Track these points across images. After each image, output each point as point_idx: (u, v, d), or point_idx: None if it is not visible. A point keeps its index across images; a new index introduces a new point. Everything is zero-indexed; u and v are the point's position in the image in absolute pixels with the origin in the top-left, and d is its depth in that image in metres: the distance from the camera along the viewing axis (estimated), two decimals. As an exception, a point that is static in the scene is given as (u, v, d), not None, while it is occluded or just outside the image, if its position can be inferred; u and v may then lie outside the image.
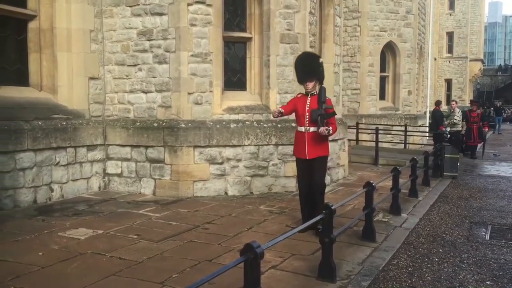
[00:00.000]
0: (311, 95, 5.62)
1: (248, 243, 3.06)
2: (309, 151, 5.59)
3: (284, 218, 6.44)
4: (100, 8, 8.01)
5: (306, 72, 5.63)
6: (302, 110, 5.62)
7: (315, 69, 5.61)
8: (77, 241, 5.17)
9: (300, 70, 5.70)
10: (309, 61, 5.69)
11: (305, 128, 5.59)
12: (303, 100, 5.67)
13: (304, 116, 5.59)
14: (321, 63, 5.69)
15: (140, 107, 8.02)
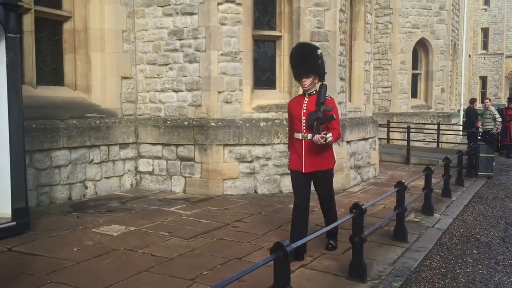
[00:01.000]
0: (309, 95, 4.65)
1: (278, 241, 3.06)
2: (307, 164, 4.62)
3: (314, 216, 6.38)
4: (132, 9, 8.15)
5: (301, 66, 4.64)
6: (298, 113, 4.65)
7: (312, 63, 4.59)
8: (110, 237, 5.28)
9: (294, 64, 4.74)
10: (304, 53, 4.69)
11: (302, 135, 4.61)
12: (300, 101, 4.72)
13: (301, 121, 4.62)
14: (319, 55, 4.64)
15: (171, 106, 8.12)
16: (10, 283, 3.92)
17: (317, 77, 4.65)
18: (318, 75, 4.65)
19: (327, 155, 4.71)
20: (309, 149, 4.61)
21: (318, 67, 4.64)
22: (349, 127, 8.59)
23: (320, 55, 4.66)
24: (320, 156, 4.65)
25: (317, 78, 4.65)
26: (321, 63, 4.69)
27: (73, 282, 3.94)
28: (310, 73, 4.60)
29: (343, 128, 8.26)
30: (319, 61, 4.64)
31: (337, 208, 6.77)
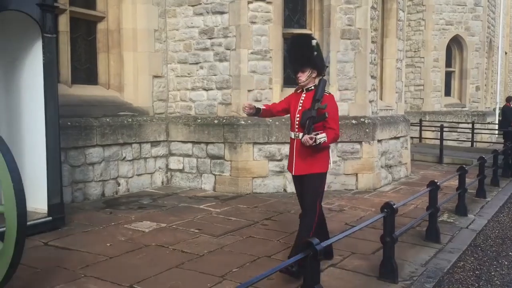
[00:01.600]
0: (307, 91, 4.25)
1: (308, 239, 3.05)
2: (297, 166, 4.24)
3: (344, 216, 6.36)
4: (164, 8, 8.26)
5: (296, 59, 4.29)
6: (293, 110, 4.31)
7: (306, 55, 4.19)
8: (142, 234, 5.37)
9: (289, 58, 4.45)
10: (298, 45, 4.32)
11: (295, 134, 4.25)
12: (297, 97, 4.35)
13: (295, 118, 4.27)
14: (314, 46, 4.21)
15: (201, 104, 8.19)
16: (47, 276, 4.04)
17: (314, 71, 4.22)
18: (315, 68, 4.22)
19: (320, 158, 4.19)
20: (301, 150, 4.19)
21: (313, 59, 4.20)
22: (380, 125, 8.47)
23: (315, 46, 4.22)
24: (312, 158, 4.17)
25: (315, 72, 4.23)
26: (318, 55, 4.25)
27: (106, 277, 4.03)
28: (305, 67, 4.19)
29: (374, 127, 8.16)
30: (315, 52, 4.20)
31: (367, 207, 6.79)
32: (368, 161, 8.12)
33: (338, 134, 4.24)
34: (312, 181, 4.21)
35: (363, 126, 8.06)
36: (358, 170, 8.07)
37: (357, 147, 8.06)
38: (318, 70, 4.24)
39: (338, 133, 4.24)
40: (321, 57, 4.33)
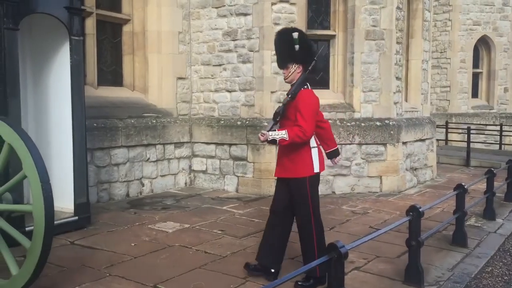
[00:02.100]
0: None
1: (332, 242, 3.02)
2: (278, 167, 4.06)
3: (368, 219, 6.29)
4: (188, 11, 8.32)
5: (279, 55, 4.05)
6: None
7: (287, 50, 3.92)
8: (166, 234, 5.41)
9: (276, 53, 4.14)
10: (281, 39, 4.01)
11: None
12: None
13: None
14: (296, 39, 3.88)
15: (224, 106, 8.22)
16: (73, 274, 4.10)
17: (299, 66, 3.92)
18: (299, 63, 3.92)
19: (298, 161, 3.89)
20: (280, 150, 4.02)
21: (294, 54, 3.90)
22: (405, 127, 8.35)
23: (297, 39, 3.88)
24: (290, 160, 3.91)
25: (300, 66, 3.93)
26: (301, 49, 3.90)
27: (130, 276, 4.07)
28: (288, 63, 3.94)
29: (399, 129, 8.06)
30: (296, 46, 3.88)
31: (391, 210, 6.70)
32: (392, 163, 8.02)
33: (307, 131, 3.76)
34: (297, 187, 3.92)
35: (387, 128, 7.96)
36: (382, 172, 7.97)
37: (381, 149, 7.97)
38: (302, 65, 3.94)
39: (308, 130, 3.77)
40: (306, 51, 3.95)
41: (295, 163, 3.90)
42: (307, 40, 4.03)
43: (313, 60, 3.96)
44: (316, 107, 3.92)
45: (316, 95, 3.99)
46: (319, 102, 4.00)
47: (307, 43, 4.00)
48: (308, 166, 3.89)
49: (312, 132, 3.86)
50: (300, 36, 3.94)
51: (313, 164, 3.91)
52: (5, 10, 4.68)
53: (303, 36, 4.01)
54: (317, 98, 3.98)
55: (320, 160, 3.98)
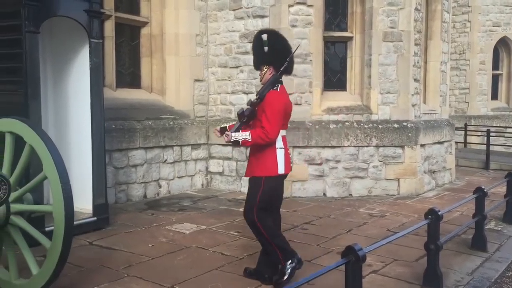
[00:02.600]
0: None
1: (350, 245, 3.00)
2: (247, 166, 4.10)
3: (385, 222, 6.24)
4: (205, 13, 8.37)
5: (253, 57, 4.09)
6: None
7: (259, 52, 3.95)
8: (183, 235, 5.44)
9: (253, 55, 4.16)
10: (255, 42, 4.05)
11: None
12: None
13: None
14: (266, 41, 3.88)
15: (241, 107, 8.21)
16: (92, 274, 4.15)
17: (269, 67, 3.91)
18: (270, 64, 3.90)
19: (263, 160, 3.88)
20: (250, 151, 4.05)
21: (262, 56, 3.92)
22: (423, 130, 8.27)
23: (266, 41, 3.88)
24: (256, 160, 3.93)
25: (270, 68, 3.91)
26: (271, 50, 3.88)
27: (148, 277, 4.10)
28: (261, 64, 3.96)
29: (417, 131, 7.98)
30: (265, 48, 3.88)
31: (409, 213, 6.64)
32: (410, 166, 7.94)
33: (269, 133, 3.74)
34: (252, 184, 3.94)
35: (405, 130, 7.89)
36: (400, 175, 7.90)
37: (399, 152, 7.89)
38: (274, 67, 3.91)
39: (271, 132, 3.75)
40: (276, 52, 3.91)
41: (259, 163, 3.91)
42: (279, 41, 3.98)
43: (284, 62, 3.90)
44: (281, 109, 3.83)
45: (284, 96, 3.93)
46: (287, 103, 3.93)
47: (278, 44, 3.95)
48: (271, 167, 3.88)
49: (276, 134, 3.82)
50: (270, 37, 3.93)
51: (277, 165, 3.89)
52: (26, 13, 4.76)
53: (274, 37, 3.98)
54: (284, 99, 3.90)
55: (286, 162, 3.94)
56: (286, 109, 3.91)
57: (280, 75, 3.94)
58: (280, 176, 3.96)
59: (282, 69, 3.91)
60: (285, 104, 3.87)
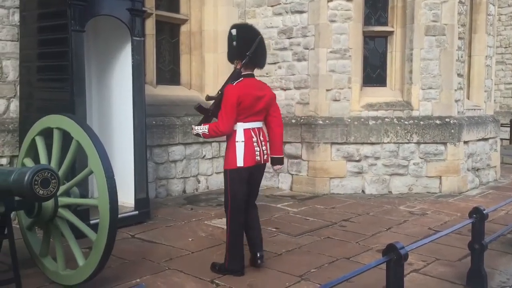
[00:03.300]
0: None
1: (392, 243, 2.96)
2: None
3: (426, 220, 6.11)
4: (243, 10, 8.40)
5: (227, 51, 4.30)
6: None
7: (230, 45, 4.14)
8: (222, 230, 5.49)
9: None
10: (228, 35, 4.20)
11: None
12: None
13: None
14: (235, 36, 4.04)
15: (279, 104, 8.11)
16: (134, 267, 4.26)
17: (238, 62, 4.04)
18: (237, 58, 4.05)
19: (226, 154, 4.11)
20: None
21: (231, 50, 4.10)
22: (467, 126, 8.03)
23: (235, 36, 4.04)
24: (225, 153, 4.16)
25: (239, 62, 4.03)
26: (237, 44, 4.03)
27: (189, 270, 4.17)
28: (231, 59, 4.18)
29: (460, 127, 7.77)
30: (234, 42, 4.04)
31: (452, 212, 6.49)
32: (453, 163, 7.73)
33: (219, 126, 3.94)
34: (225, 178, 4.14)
35: (448, 126, 7.69)
36: (442, 172, 7.71)
37: (441, 149, 7.71)
38: (241, 60, 4.02)
39: (221, 125, 3.93)
40: (239, 46, 4.03)
41: (225, 157, 4.15)
42: (247, 35, 4.07)
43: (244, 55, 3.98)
44: (233, 102, 3.89)
45: (238, 89, 3.93)
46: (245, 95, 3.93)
47: (246, 38, 4.03)
48: (231, 160, 4.02)
49: (227, 127, 3.94)
50: (239, 32, 4.06)
51: (236, 158, 3.99)
52: (72, 13, 4.92)
53: (243, 31, 4.10)
54: (239, 92, 3.91)
55: (245, 155, 3.99)
56: (244, 101, 3.94)
57: (246, 69, 4.04)
58: (242, 169, 4.01)
59: (243, 62, 3.99)
60: (238, 97, 3.90)
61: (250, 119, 4.03)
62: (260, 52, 4.12)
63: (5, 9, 5.59)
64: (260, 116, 4.12)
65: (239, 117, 3.96)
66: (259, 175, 4.23)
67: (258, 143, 4.08)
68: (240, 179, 4.04)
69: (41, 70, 5.42)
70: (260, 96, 4.06)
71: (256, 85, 4.10)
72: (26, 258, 3.99)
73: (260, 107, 4.07)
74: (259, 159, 4.09)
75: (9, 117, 5.70)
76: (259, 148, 4.07)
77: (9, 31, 5.64)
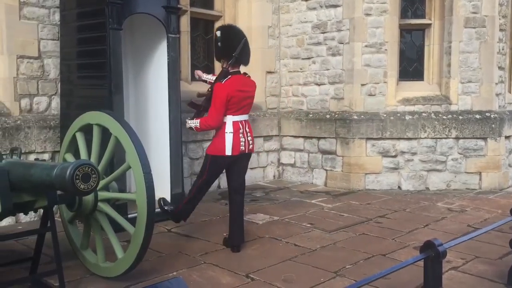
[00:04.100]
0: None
1: (430, 240, 2.92)
2: None
3: (465, 217, 5.96)
4: (277, 5, 8.38)
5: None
6: None
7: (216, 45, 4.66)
8: (256, 225, 5.53)
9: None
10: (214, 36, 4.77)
11: None
12: None
13: None
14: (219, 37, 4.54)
15: (313, 99, 8.18)
16: (171, 260, 4.34)
17: (224, 61, 4.51)
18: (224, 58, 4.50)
19: (214, 141, 4.58)
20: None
21: (217, 50, 4.58)
22: (509, 120, 7.78)
23: (219, 37, 4.50)
24: (212, 140, 4.65)
25: (225, 61, 4.49)
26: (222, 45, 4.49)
27: (224, 265, 4.21)
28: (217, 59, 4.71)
29: (501, 122, 7.54)
30: (218, 43, 4.51)
31: (492, 209, 6.32)
32: (493, 159, 7.51)
33: (208, 121, 4.41)
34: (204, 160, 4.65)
35: (488, 121, 7.46)
36: (481, 168, 7.50)
37: (481, 144, 7.49)
38: (228, 60, 4.43)
39: (210, 120, 4.39)
40: (227, 47, 4.45)
41: (212, 143, 4.60)
42: (231, 36, 4.49)
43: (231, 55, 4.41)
44: (223, 98, 4.31)
45: (229, 86, 4.34)
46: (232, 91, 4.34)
47: (230, 39, 4.46)
48: (219, 148, 4.46)
49: (216, 122, 4.40)
50: (223, 33, 4.52)
51: (225, 147, 4.44)
52: (110, 11, 5.04)
53: (226, 33, 4.54)
54: (228, 89, 4.32)
55: (233, 145, 4.44)
56: (233, 97, 4.35)
57: (233, 67, 4.44)
58: (227, 157, 4.48)
59: (229, 62, 4.42)
60: (228, 93, 4.31)
61: (238, 113, 4.46)
62: (245, 51, 4.51)
63: (46, 9, 5.77)
64: (246, 109, 4.57)
65: (228, 111, 4.39)
66: (242, 162, 4.66)
67: (244, 134, 4.52)
68: (220, 166, 4.59)
69: (80, 68, 5.58)
70: (246, 91, 4.52)
71: (242, 82, 4.50)
72: (68, 251, 4.12)
73: (246, 102, 4.54)
74: (243, 149, 4.52)
75: (50, 114, 5.89)
76: (244, 139, 4.51)
77: (50, 30, 5.82)
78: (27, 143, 5.55)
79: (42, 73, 5.80)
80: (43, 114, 5.84)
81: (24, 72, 5.64)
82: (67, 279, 3.57)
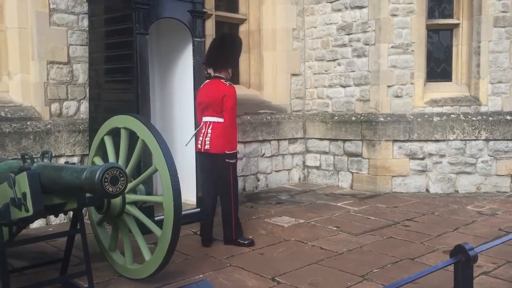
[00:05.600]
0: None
1: (460, 244, 2.84)
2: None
3: (496, 220, 5.81)
4: (302, 7, 8.36)
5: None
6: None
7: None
8: (281, 228, 5.52)
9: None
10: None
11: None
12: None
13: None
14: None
15: (338, 101, 8.12)
16: (197, 263, 4.37)
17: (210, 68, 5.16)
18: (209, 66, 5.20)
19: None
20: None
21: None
22: (541, 121, 7.56)
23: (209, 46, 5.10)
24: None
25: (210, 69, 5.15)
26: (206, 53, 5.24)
27: (249, 268, 4.22)
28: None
29: (533, 123, 7.34)
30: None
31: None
32: (524, 160, 7.31)
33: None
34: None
35: (519, 122, 7.28)
36: (513, 170, 7.32)
37: (512, 146, 7.31)
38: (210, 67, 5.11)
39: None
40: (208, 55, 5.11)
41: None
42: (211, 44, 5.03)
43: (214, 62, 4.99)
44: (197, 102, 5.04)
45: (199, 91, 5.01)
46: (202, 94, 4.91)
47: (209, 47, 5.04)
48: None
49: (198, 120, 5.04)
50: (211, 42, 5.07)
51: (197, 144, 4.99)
52: (137, 16, 5.12)
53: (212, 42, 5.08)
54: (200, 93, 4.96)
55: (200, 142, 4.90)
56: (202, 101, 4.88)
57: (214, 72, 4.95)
58: (197, 153, 5.10)
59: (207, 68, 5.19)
60: (200, 96, 4.94)
61: (204, 114, 4.90)
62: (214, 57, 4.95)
63: (75, 15, 5.90)
64: (209, 112, 4.83)
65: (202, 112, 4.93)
66: (204, 162, 4.97)
67: (204, 134, 4.85)
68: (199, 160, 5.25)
69: (108, 72, 5.67)
70: (208, 96, 4.83)
71: (210, 87, 4.87)
72: (97, 252, 4.19)
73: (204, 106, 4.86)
74: (200, 147, 4.90)
75: (79, 118, 6.01)
76: (202, 139, 4.86)
77: (79, 36, 5.94)
78: (57, 147, 5.68)
79: (71, 78, 5.93)
80: (72, 118, 5.96)
81: (54, 77, 5.78)
82: (96, 280, 3.63)
